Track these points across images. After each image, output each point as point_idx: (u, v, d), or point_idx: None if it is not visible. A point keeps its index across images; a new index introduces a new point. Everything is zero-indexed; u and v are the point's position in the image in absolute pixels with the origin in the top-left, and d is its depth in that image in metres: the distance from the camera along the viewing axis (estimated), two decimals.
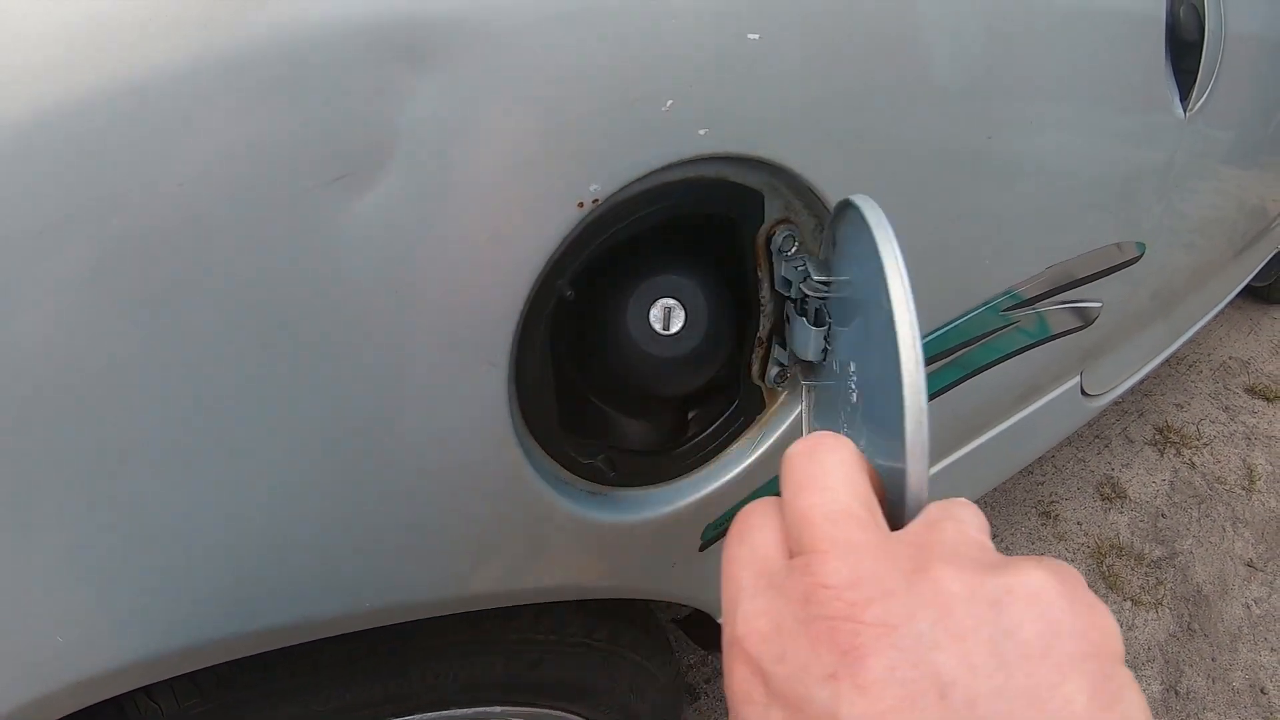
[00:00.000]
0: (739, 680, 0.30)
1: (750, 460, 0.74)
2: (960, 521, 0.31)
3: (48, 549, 0.45)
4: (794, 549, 0.32)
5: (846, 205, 0.51)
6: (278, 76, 0.42)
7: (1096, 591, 1.77)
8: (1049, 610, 0.26)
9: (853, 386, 0.50)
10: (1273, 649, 1.72)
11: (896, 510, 0.37)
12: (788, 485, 0.34)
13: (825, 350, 0.59)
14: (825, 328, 0.59)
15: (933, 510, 0.33)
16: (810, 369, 0.64)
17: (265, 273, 0.44)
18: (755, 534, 0.34)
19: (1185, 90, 1.10)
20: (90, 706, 0.52)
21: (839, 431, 0.52)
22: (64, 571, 0.46)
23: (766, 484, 0.78)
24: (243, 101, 0.41)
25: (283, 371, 0.47)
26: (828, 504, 0.32)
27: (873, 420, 0.45)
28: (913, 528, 0.32)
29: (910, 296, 0.39)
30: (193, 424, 0.46)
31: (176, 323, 0.43)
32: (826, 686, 0.26)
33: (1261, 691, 1.63)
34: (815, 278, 0.58)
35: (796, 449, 0.35)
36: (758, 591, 0.31)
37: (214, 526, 0.49)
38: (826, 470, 0.33)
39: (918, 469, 0.35)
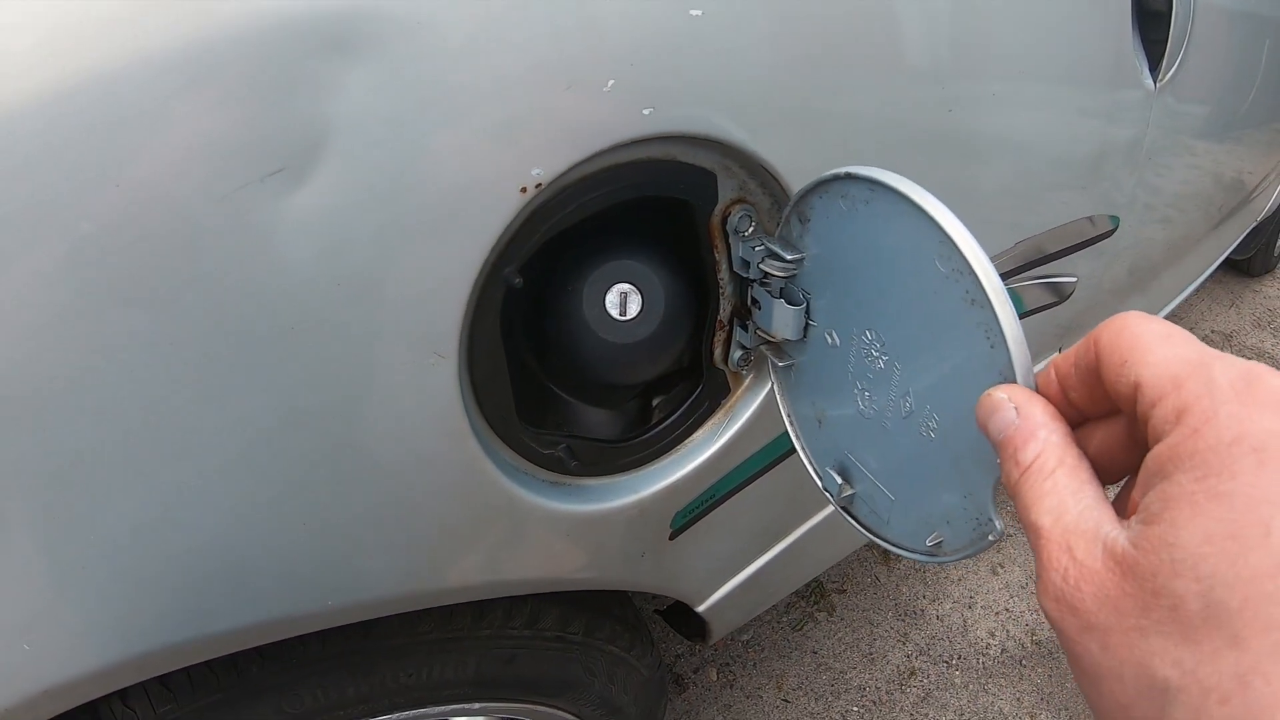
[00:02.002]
0: None
1: (717, 445, 0.73)
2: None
3: (8, 557, 0.44)
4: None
5: (836, 179, 0.51)
6: (206, 72, 0.41)
7: None
8: None
9: (875, 354, 0.52)
10: None
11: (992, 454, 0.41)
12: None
13: (807, 326, 0.59)
14: (804, 305, 0.59)
15: (1222, 415, 0.29)
16: (781, 348, 0.64)
17: (205, 272, 0.43)
18: None
19: (1155, 61, 1.09)
20: (65, 713, 0.52)
21: (852, 396, 0.56)
22: (26, 579, 0.45)
23: (736, 469, 0.77)
24: (172, 99, 0.40)
25: (230, 371, 0.46)
26: None
27: (928, 381, 0.48)
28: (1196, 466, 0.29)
29: (984, 253, 0.43)
30: (144, 427, 0.45)
31: (122, 326, 0.42)
32: None
33: None
34: (787, 256, 0.57)
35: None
36: None
37: (171, 530, 0.48)
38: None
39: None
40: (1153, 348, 0.31)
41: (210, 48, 0.40)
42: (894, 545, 0.54)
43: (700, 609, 0.92)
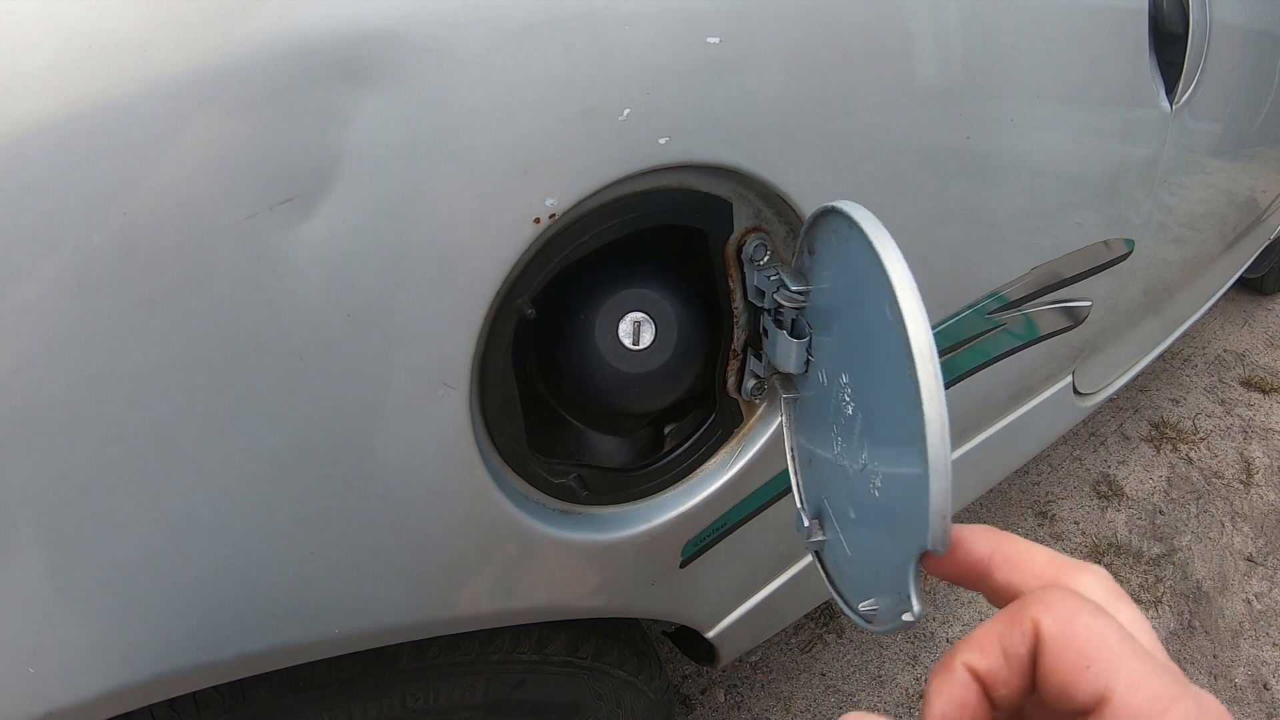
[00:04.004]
0: None
1: (730, 474, 0.72)
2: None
3: (15, 579, 0.44)
4: None
5: (829, 212, 0.49)
6: (217, 98, 0.40)
7: None
8: None
9: (846, 399, 0.49)
10: (1275, 644, 1.70)
11: (917, 524, 0.37)
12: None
13: (808, 361, 0.58)
14: (807, 339, 0.57)
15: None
16: (790, 381, 0.63)
17: (215, 300, 0.43)
18: None
19: (1171, 83, 1.09)
20: None
21: (831, 444, 0.53)
22: (32, 602, 0.45)
23: (748, 498, 0.77)
24: (182, 125, 0.40)
25: (239, 400, 0.46)
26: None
27: (876, 435, 0.44)
28: None
29: (921, 307, 0.39)
30: (153, 453, 0.44)
31: (131, 353, 0.42)
32: None
33: (1264, 687, 1.62)
34: (792, 288, 0.57)
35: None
36: None
37: (179, 556, 0.48)
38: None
39: (942, 486, 0.36)
40: (1124, 658, 0.27)
41: (221, 73, 0.40)
42: (844, 603, 0.49)
43: (709, 635, 0.91)
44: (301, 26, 0.42)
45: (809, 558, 0.98)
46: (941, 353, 0.88)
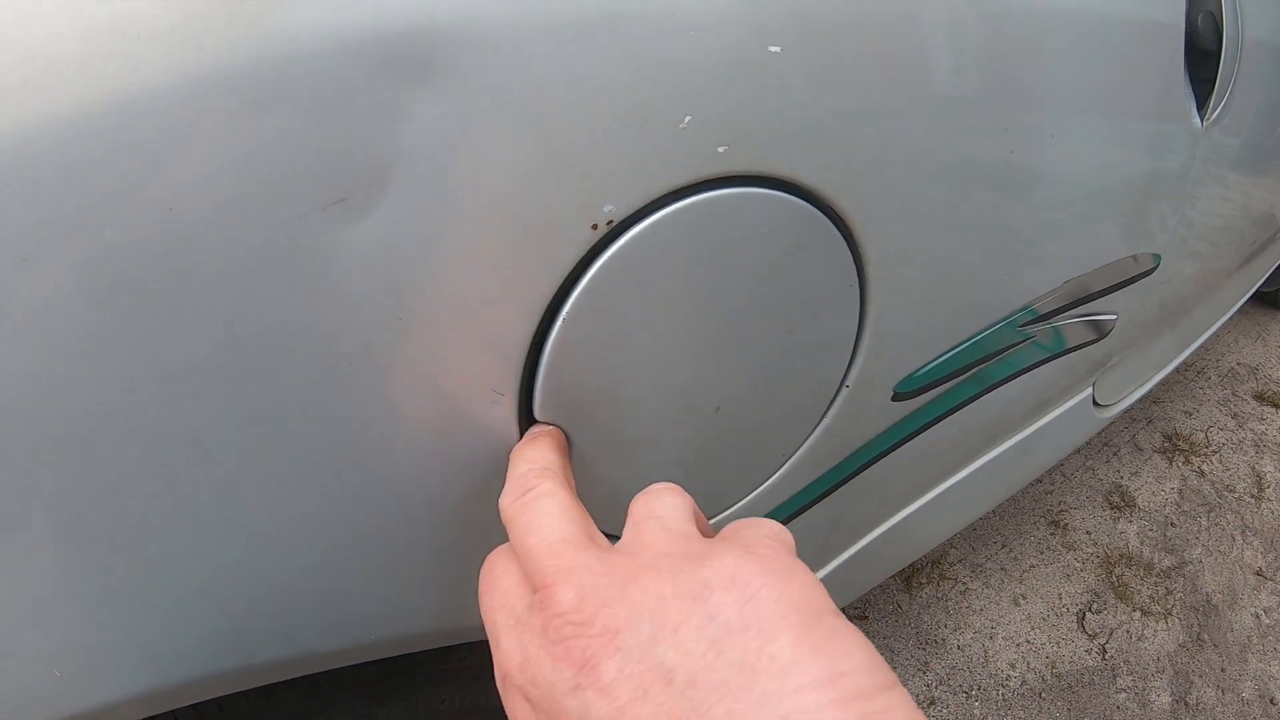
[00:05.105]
0: (513, 709, 0.35)
1: (771, 480, 0.72)
2: (662, 519, 0.37)
3: (43, 583, 0.43)
4: (532, 585, 0.37)
5: None
6: (268, 95, 0.39)
7: (1105, 603, 1.76)
8: (745, 588, 0.31)
9: None
10: None
11: None
12: (513, 534, 0.41)
13: None
14: None
15: (636, 511, 0.39)
16: None
17: (259, 302, 0.42)
18: (500, 581, 0.40)
19: (1202, 99, 1.09)
20: None
21: None
22: (60, 605, 0.44)
23: (790, 499, 0.76)
24: (232, 122, 0.38)
25: (281, 403, 0.45)
26: (547, 539, 0.37)
27: None
28: (625, 536, 0.38)
29: None
30: (188, 456, 0.43)
31: (168, 354, 0.41)
32: (574, 697, 0.30)
33: (1271, 702, 1.62)
34: None
35: (506, 500, 0.43)
36: (509, 630, 0.36)
37: (213, 560, 0.47)
38: (540, 510, 0.40)
39: None
40: None
41: (273, 66, 0.39)
42: None
43: None
44: (358, 20, 0.40)
45: (839, 559, 0.98)
46: (973, 364, 0.88)
